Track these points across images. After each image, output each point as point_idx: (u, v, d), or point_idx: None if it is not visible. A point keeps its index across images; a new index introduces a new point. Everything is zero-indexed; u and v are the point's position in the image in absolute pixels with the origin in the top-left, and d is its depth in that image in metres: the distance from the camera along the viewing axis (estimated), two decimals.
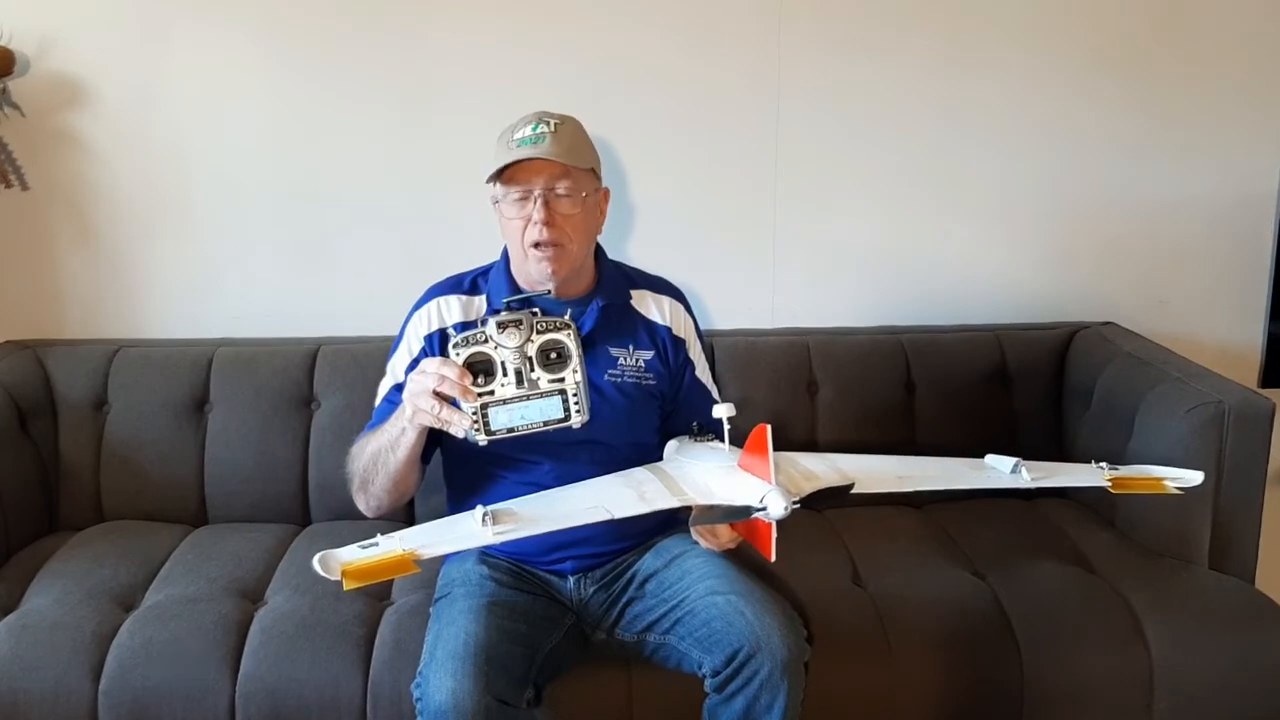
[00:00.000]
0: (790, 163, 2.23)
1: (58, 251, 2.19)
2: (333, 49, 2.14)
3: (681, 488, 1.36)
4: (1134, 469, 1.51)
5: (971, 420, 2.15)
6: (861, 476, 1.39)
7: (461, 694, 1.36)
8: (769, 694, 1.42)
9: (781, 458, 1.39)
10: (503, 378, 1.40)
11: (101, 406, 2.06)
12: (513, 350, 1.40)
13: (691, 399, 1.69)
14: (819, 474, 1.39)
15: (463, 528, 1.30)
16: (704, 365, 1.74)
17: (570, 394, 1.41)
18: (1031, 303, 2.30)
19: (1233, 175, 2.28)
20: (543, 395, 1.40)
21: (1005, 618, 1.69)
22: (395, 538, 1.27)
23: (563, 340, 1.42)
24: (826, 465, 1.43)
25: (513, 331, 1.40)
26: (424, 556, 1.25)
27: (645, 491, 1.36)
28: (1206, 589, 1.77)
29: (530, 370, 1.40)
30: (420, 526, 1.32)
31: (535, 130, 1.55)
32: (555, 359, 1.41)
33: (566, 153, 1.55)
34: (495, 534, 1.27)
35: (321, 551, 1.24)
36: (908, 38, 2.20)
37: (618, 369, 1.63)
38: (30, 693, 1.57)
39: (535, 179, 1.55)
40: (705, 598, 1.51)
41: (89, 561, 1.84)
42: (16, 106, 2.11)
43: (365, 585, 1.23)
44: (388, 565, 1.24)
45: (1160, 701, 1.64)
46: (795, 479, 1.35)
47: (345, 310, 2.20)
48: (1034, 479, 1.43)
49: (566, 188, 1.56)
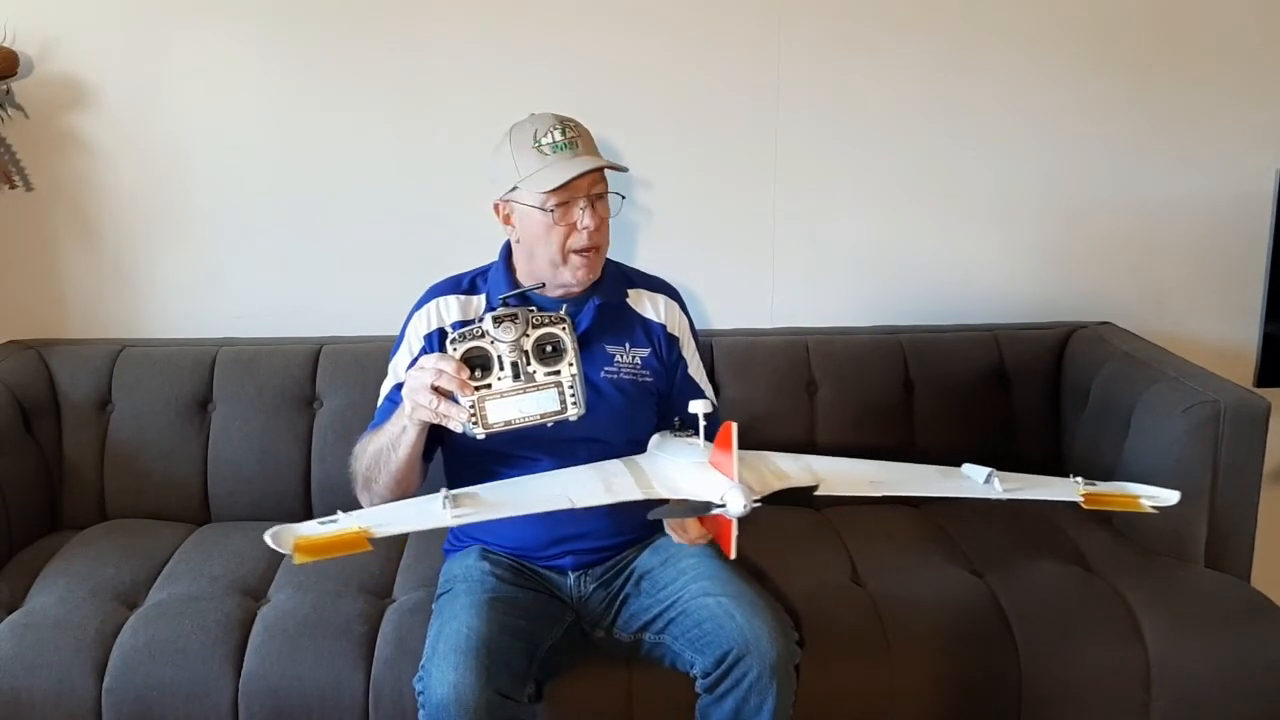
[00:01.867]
0: (789, 163, 2.24)
1: (61, 252, 2.19)
2: (334, 50, 2.15)
3: (650, 482, 1.36)
4: (1111, 486, 1.48)
5: (970, 419, 2.16)
6: (832, 479, 1.40)
7: (463, 687, 1.37)
8: (758, 696, 1.43)
9: (754, 456, 1.41)
10: (499, 371, 1.41)
11: (105, 406, 2.07)
12: (509, 344, 1.40)
13: (683, 397, 1.70)
14: (790, 473, 1.40)
15: (422, 509, 1.31)
16: (698, 364, 1.75)
17: (566, 387, 1.42)
18: (1029, 303, 2.31)
19: (1229, 176, 2.29)
20: (539, 388, 1.41)
21: (1003, 616, 1.70)
22: (354, 516, 1.28)
23: (558, 334, 1.43)
24: (799, 465, 1.43)
25: (509, 326, 1.41)
26: (377, 535, 1.26)
27: (613, 484, 1.37)
28: (1203, 587, 1.78)
29: (526, 364, 1.41)
30: (382, 506, 1.34)
31: (565, 135, 1.55)
32: (551, 353, 1.42)
33: (602, 155, 1.57)
34: (454, 516, 1.27)
35: (277, 527, 1.26)
36: (906, 39, 2.21)
37: (614, 366, 1.64)
38: (34, 691, 1.58)
39: (582, 185, 1.55)
40: (697, 598, 1.52)
41: (92, 560, 1.85)
42: (20, 107, 2.12)
43: (317, 560, 1.24)
44: (341, 542, 1.25)
45: (1158, 699, 1.65)
46: (765, 477, 1.36)
47: (348, 310, 2.21)
48: (1006, 490, 1.41)
49: (602, 190, 1.58)
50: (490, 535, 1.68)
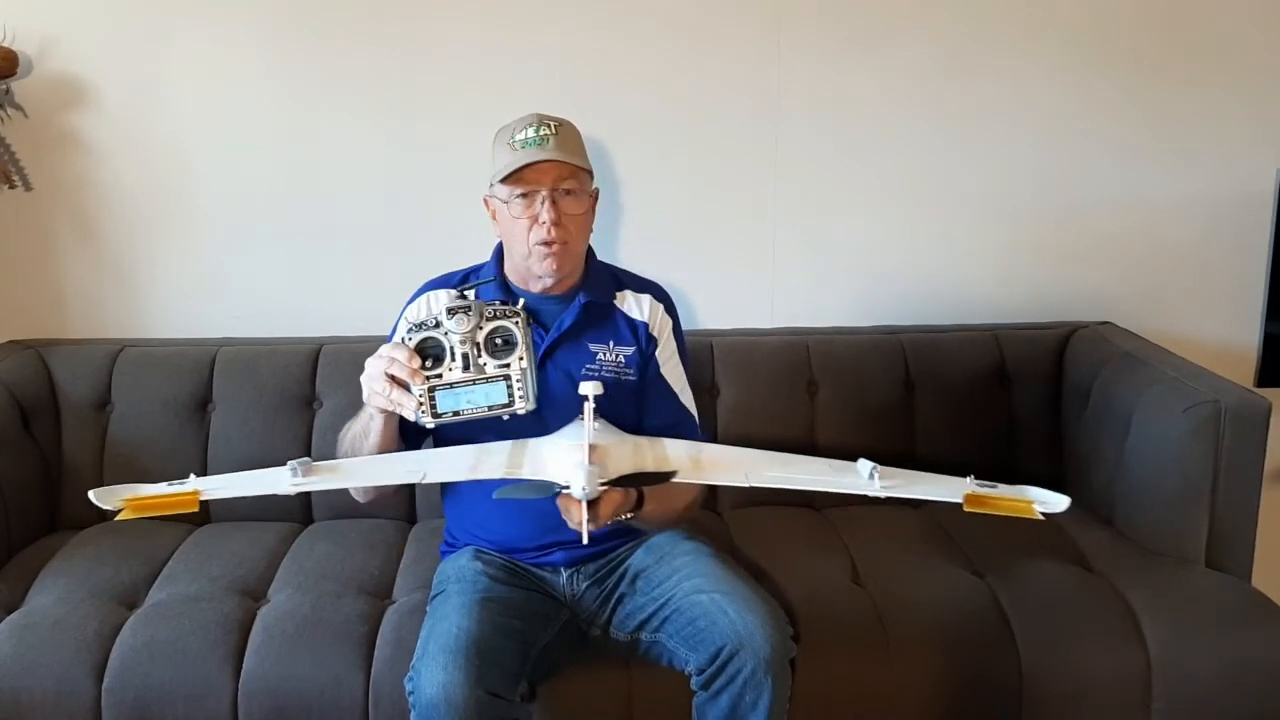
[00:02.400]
0: (789, 163, 2.24)
1: (60, 252, 2.19)
2: (334, 50, 2.15)
3: (522, 462, 1.39)
4: (1005, 489, 1.40)
5: (970, 419, 2.16)
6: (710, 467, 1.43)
7: (452, 687, 1.37)
8: (753, 692, 1.43)
9: (648, 442, 1.46)
10: (450, 362, 1.44)
11: (104, 406, 2.07)
12: (461, 336, 1.43)
13: (649, 394, 1.70)
14: (672, 460, 1.42)
15: (264, 476, 1.36)
16: (675, 364, 1.74)
17: (515, 380, 1.44)
18: (1029, 302, 2.31)
19: (1229, 176, 2.29)
20: (488, 380, 1.44)
21: (1004, 616, 1.70)
22: (200, 480, 1.34)
23: (510, 328, 1.45)
24: (690, 453, 1.45)
25: (461, 317, 1.44)
26: (207, 497, 1.32)
27: (482, 462, 1.40)
28: (1204, 587, 1.78)
29: (478, 356, 1.44)
30: (229, 475, 1.39)
31: (538, 132, 1.59)
32: (502, 345, 1.45)
33: (572, 153, 1.60)
34: (293, 485, 1.32)
35: (110, 487, 1.31)
36: (906, 40, 2.20)
37: (595, 364, 1.65)
38: (33, 691, 1.58)
39: (543, 179, 1.59)
40: (690, 596, 1.53)
41: (91, 560, 1.85)
42: (19, 107, 2.11)
43: (143, 516, 1.29)
44: (168, 502, 1.29)
45: (1158, 699, 1.65)
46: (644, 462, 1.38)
47: (347, 310, 2.21)
48: (885, 488, 1.36)
49: (572, 186, 1.60)
50: (483, 534, 1.68)
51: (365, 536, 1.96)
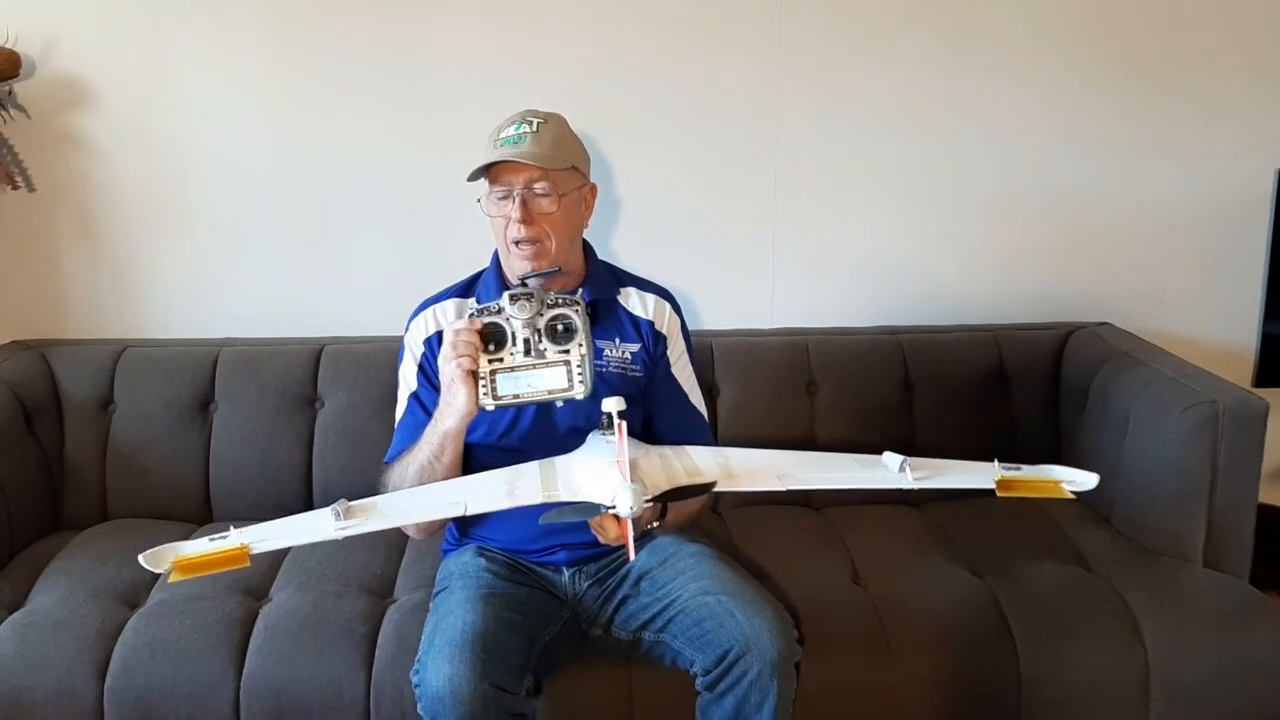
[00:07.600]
0: (789, 163, 2.25)
1: (63, 252, 2.20)
2: (335, 49, 2.15)
3: (556, 483, 1.39)
4: (1032, 470, 1.42)
5: (969, 419, 2.16)
6: (741, 474, 1.42)
7: (458, 680, 1.38)
8: (758, 694, 1.43)
9: (673, 452, 1.45)
10: (512, 347, 1.45)
11: (106, 406, 2.07)
12: (523, 321, 1.44)
13: (659, 394, 1.71)
14: (703, 470, 1.42)
15: (310, 522, 1.34)
16: (684, 364, 1.75)
17: (575, 365, 1.45)
18: (1029, 303, 2.31)
19: (1228, 177, 2.29)
20: (548, 365, 1.45)
21: (1003, 616, 1.70)
22: (241, 532, 1.30)
23: (570, 315, 1.46)
24: (717, 460, 1.45)
25: (524, 304, 1.45)
26: (257, 551, 1.28)
27: (517, 487, 1.40)
28: (1202, 587, 1.78)
29: (539, 341, 1.45)
30: (271, 522, 1.35)
31: (518, 130, 1.61)
32: (563, 332, 1.46)
33: (545, 154, 1.60)
34: (338, 529, 1.31)
35: (156, 548, 1.27)
36: (906, 39, 2.21)
37: (603, 360, 1.66)
38: (35, 691, 1.59)
39: (514, 179, 1.60)
40: (697, 597, 1.53)
41: (93, 560, 1.85)
42: (21, 108, 2.12)
43: (195, 576, 1.26)
44: (220, 559, 1.26)
45: (1157, 699, 1.66)
46: (676, 475, 1.38)
47: (349, 310, 2.21)
48: (917, 479, 1.37)
49: (544, 188, 1.60)
50: (486, 532, 1.69)
51: (366, 536, 1.95)
